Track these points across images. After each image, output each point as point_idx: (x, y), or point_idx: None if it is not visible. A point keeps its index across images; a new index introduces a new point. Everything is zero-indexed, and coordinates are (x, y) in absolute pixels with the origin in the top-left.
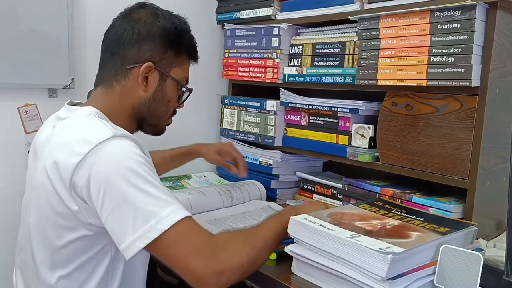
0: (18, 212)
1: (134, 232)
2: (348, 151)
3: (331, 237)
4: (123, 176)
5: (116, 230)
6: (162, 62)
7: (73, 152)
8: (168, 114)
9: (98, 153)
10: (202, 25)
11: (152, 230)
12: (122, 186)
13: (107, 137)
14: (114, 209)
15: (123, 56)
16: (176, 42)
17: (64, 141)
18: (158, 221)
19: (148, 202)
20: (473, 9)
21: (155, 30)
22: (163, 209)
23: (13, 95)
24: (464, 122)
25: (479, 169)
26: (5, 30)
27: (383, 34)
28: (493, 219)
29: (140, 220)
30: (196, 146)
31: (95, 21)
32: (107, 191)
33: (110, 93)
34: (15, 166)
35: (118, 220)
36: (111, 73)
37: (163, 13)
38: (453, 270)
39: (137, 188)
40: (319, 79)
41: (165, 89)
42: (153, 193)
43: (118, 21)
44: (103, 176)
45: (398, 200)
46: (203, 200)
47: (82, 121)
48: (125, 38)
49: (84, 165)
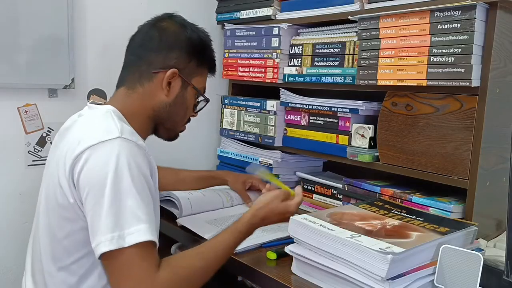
0: (18, 212)
1: (100, 235)
2: (348, 151)
3: (331, 237)
4: (110, 178)
5: (91, 227)
6: (185, 70)
7: (78, 145)
8: (184, 120)
9: (97, 149)
10: (202, 25)
11: (114, 241)
12: (105, 187)
13: (112, 137)
14: (93, 207)
15: (150, 61)
16: (200, 53)
17: (75, 136)
18: (122, 236)
19: (120, 212)
20: (473, 9)
21: (182, 39)
22: (130, 225)
23: (13, 95)
24: (464, 122)
25: (479, 169)
26: (5, 30)
27: (383, 34)
28: (493, 219)
29: (106, 227)
30: (224, 172)
31: (95, 21)
32: (92, 189)
33: (132, 94)
34: (15, 166)
35: (93, 218)
36: (135, 76)
37: (189, 25)
38: (453, 270)
39: (117, 194)
40: (319, 79)
41: (185, 96)
42: (130, 205)
43: (145, 28)
44: (93, 173)
45: (398, 200)
46: (203, 200)
47: (97, 119)
48: (153, 44)
49: (82, 157)
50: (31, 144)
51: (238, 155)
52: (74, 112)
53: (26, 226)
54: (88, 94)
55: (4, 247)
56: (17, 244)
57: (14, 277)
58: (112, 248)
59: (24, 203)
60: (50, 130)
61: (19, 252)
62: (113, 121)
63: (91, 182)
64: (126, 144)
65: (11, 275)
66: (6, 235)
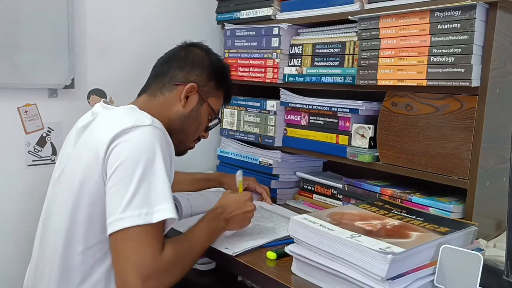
0: (18, 212)
1: (124, 211)
2: (348, 151)
3: (331, 237)
4: (145, 159)
5: (111, 203)
6: (204, 89)
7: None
8: (196, 135)
9: (131, 132)
10: (202, 25)
11: (141, 217)
12: (138, 166)
13: (145, 124)
14: (119, 182)
15: (173, 74)
16: (220, 76)
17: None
18: (150, 212)
19: (150, 191)
20: (473, 9)
21: (206, 61)
22: (159, 203)
23: (13, 95)
24: (464, 122)
25: (479, 169)
26: (5, 30)
27: (383, 34)
28: (493, 219)
29: (134, 204)
30: (219, 175)
31: (95, 21)
32: (123, 164)
33: (153, 101)
34: (15, 166)
35: (116, 194)
36: (158, 86)
37: (214, 53)
38: (453, 270)
39: (149, 175)
40: (319, 79)
41: (200, 111)
42: (159, 186)
43: (174, 49)
44: (125, 151)
45: (398, 200)
46: (202, 201)
47: (126, 111)
48: (178, 61)
49: (117, 138)
50: (31, 144)
51: (238, 155)
52: (74, 112)
53: (26, 226)
54: (88, 94)
55: (4, 247)
56: (17, 244)
57: (14, 277)
58: (140, 223)
59: (24, 203)
60: (50, 130)
61: (19, 252)
62: (142, 113)
63: (123, 159)
64: (158, 131)
65: (11, 275)
66: (6, 235)
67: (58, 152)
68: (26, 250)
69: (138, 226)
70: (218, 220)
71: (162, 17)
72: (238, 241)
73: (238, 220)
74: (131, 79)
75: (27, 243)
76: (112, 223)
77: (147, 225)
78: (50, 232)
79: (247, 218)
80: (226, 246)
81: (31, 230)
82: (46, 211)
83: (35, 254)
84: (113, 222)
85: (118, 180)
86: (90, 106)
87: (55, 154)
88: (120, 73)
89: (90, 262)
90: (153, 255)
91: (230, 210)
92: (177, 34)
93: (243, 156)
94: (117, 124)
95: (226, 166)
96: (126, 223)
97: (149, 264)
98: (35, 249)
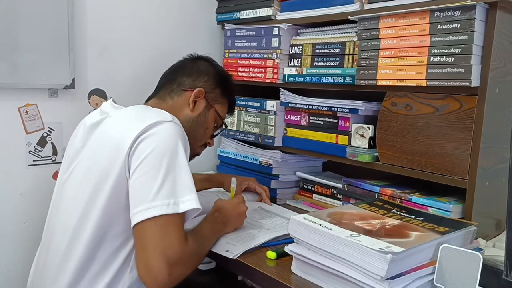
0: (19, 212)
1: (153, 200)
2: (348, 151)
3: (331, 236)
4: (170, 152)
5: (138, 192)
6: (211, 95)
7: (138, 125)
8: (203, 140)
9: (155, 127)
10: (202, 25)
11: (170, 207)
12: (164, 158)
13: (167, 120)
14: (146, 173)
15: (181, 81)
16: (225, 85)
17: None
18: (176, 203)
19: (176, 182)
20: (473, 9)
21: (211, 70)
22: (184, 194)
23: (13, 95)
24: (463, 122)
25: (478, 169)
26: (5, 30)
27: (383, 34)
28: (493, 218)
29: (162, 193)
30: (219, 175)
31: (95, 21)
32: (150, 156)
33: (163, 103)
34: (15, 166)
35: (144, 184)
36: (166, 91)
37: (219, 65)
38: (452, 269)
39: (174, 167)
40: (319, 79)
41: (207, 116)
42: (184, 178)
43: (182, 60)
44: (152, 145)
45: (398, 200)
46: (203, 201)
47: (143, 108)
48: (186, 70)
49: (144, 132)
50: (32, 144)
51: (238, 155)
52: (74, 112)
53: (26, 226)
54: (89, 94)
55: (4, 247)
56: (17, 244)
57: (15, 277)
58: (169, 212)
59: (24, 203)
60: (50, 130)
61: (20, 252)
62: (161, 110)
63: (149, 151)
64: (178, 127)
65: (11, 275)
66: (7, 235)
67: (58, 152)
68: (26, 250)
69: (167, 215)
70: (217, 222)
71: (162, 17)
72: (238, 242)
73: (233, 221)
74: (132, 79)
75: (27, 243)
76: (140, 212)
77: (174, 214)
78: (59, 228)
79: (241, 219)
80: (226, 249)
81: (32, 230)
82: (52, 209)
83: (42, 252)
84: (142, 211)
85: (144, 172)
86: (91, 106)
87: (55, 154)
88: (120, 73)
89: (104, 256)
90: (180, 243)
91: (225, 213)
92: (177, 34)
93: (243, 156)
94: (142, 120)
95: (226, 166)
96: (156, 212)
97: (177, 251)
98: (41, 248)
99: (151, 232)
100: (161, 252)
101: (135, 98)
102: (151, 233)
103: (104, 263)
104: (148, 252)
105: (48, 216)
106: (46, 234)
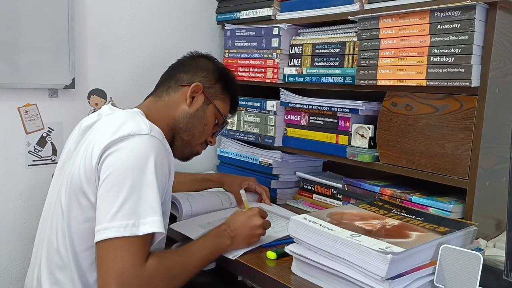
0: (18, 212)
1: (110, 221)
2: (348, 151)
3: (331, 237)
4: (137, 169)
5: (100, 210)
6: (210, 90)
7: (108, 137)
8: (202, 138)
9: (127, 140)
10: (202, 25)
11: (127, 229)
12: (129, 175)
13: (142, 133)
14: (109, 190)
15: (179, 77)
16: (225, 80)
17: (105, 129)
18: (136, 224)
19: (140, 202)
20: (473, 9)
21: (211, 66)
22: (146, 215)
23: (13, 95)
24: (463, 122)
25: (478, 169)
26: (5, 30)
27: (383, 34)
28: (493, 219)
29: (121, 214)
30: (219, 175)
31: (95, 21)
32: (114, 173)
33: (159, 101)
34: (15, 166)
35: (104, 202)
36: (164, 88)
37: (217, 61)
38: (452, 270)
39: (140, 185)
40: (319, 79)
41: (206, 112)
42: (149, 197)
43: (183, 57)
44: (119, 159)
45: (398, 200)
46: (202, 201)
47: (126, 116)
48: (184, 66)
49: (112, 147)
50: (32, 144)
51: (238, 155)
52: (74, 112)
53: (26, 226)
54: (89, 94)
55: (4, 247)
56: (17, 244)
57: (15, 277)
58: (125, 234)
59: (24, 203)
60: (50, 130)
61: (19, 252)
62: (142, 120)
63: (115, 167)
64: (154, 141)
65: (11, 275)
66: (6, 235)
67: (58, 152)
68: (26, 250)
69: (123, 238)
70: (222, 236)
71: (162, 17)
72: None
73: (244, 236)
74: (132, 79)
75: (27, 243)
76: (98, 231)
77: (131, 237)
78: (49, 230)
79: (255, 234)
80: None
81: (31, 230)
82: (46, 211)
83: (34, 252)
84: (100, 231)
85: (108, 188)
86: (91, 106)
87: (55, 154)
88: (120, 73)
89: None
90: (133, 266)
91: (234, 226)
92: (177, 34)
93: (243, 156)
94: (114, 131)
95: (226, 166)
96: (111, 233)
97: (129, 274)
98: (35, 247)
99: (106, 254)
100: (113, 275)
101: (135, 98)
102: (105, 255)
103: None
104: (103, 273)
105: (42, 216)
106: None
